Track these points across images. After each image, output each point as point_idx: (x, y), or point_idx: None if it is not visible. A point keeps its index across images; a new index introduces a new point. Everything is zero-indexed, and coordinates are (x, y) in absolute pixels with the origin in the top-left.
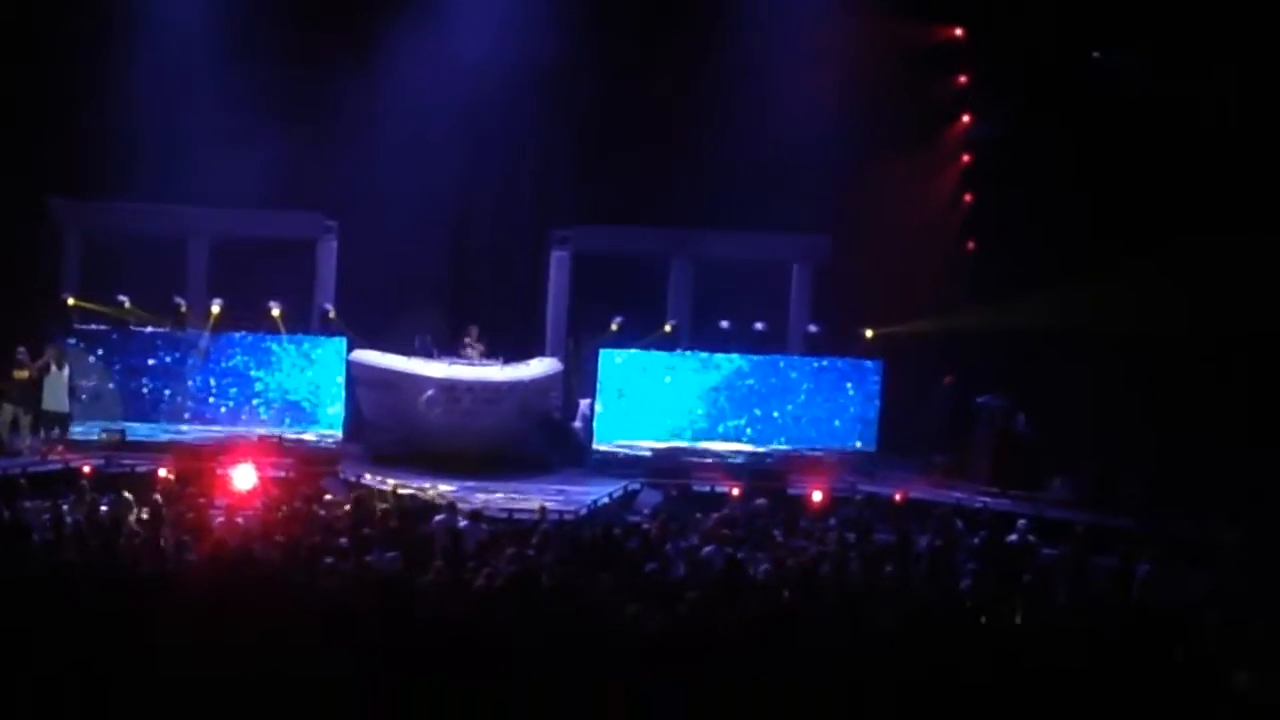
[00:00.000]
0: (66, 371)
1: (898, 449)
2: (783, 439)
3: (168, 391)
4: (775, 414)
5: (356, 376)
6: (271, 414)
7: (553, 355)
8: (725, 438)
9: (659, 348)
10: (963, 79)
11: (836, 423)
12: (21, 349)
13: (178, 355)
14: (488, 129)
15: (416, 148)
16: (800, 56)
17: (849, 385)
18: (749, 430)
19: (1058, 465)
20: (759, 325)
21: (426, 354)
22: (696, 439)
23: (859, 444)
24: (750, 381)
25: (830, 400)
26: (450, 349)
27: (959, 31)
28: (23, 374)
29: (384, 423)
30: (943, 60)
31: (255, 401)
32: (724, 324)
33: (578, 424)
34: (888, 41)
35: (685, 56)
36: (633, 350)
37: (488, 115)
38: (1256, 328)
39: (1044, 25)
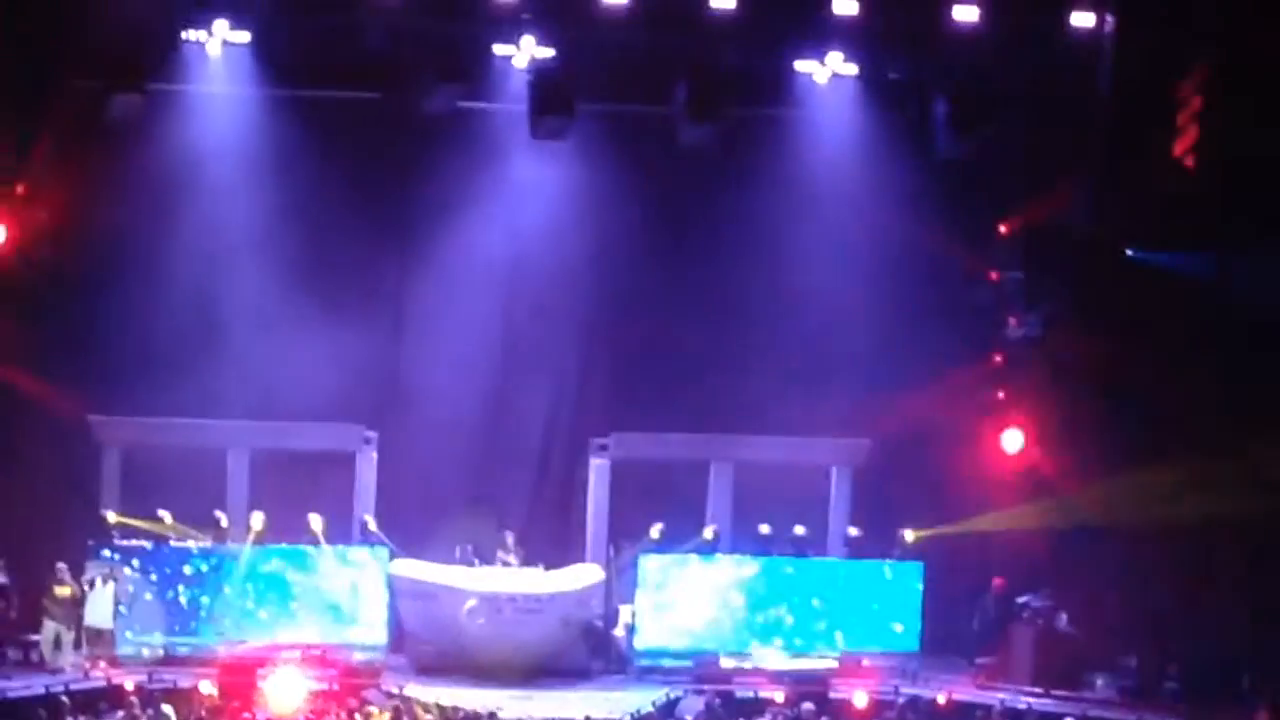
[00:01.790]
0: (111, 587)
1: (939, 651)
2: (824, 643)
3: (206, 599)
4: (814, 601)
5: (397, 588)
6: (312, 619)
7: (593, 562)
8: (765, 630)
9: (699, 553)
10: (996, 276)
11: (877, 626)
12: (62, 565)
13: (217, 567)
14: (525, 339)
15: (455, 357)
16: (840, 261)
17: (890, 588)
18: (789, 618)
19: (1101, 663)
20: (799, 529)
21: (468, 564)
22: (739, 645)
23: (901, 647)
24: (790, 570)
25: (871, 603)
26: (490, 558)
27: (1003, 230)
28: (64, 591)
29: (426, 634)
30: (986, 260)
31: (293, 605)
32: (764, 528)
33: (619, 631)
34: (927, 246)
35: (723, 258)
36: (672, 555)
37: (524, 324)
38: None
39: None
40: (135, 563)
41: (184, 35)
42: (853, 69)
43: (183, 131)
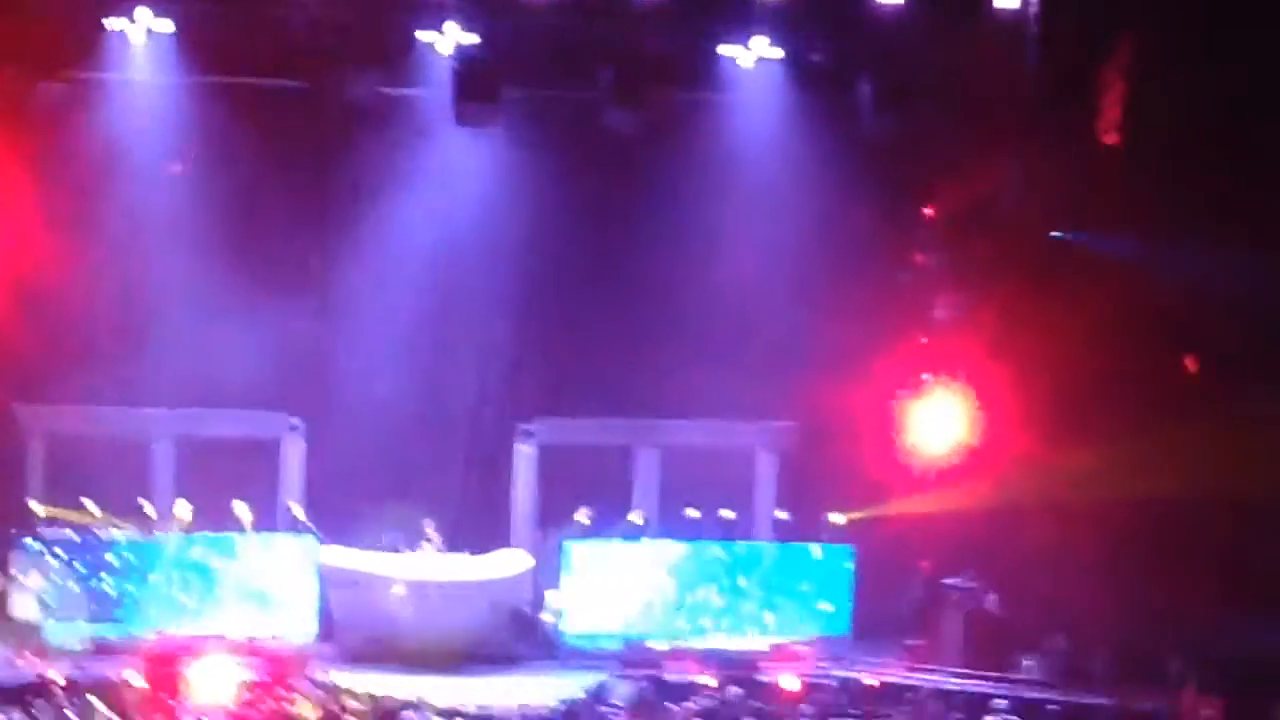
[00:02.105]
0: (35, 577)
1: (869, 634)
2: (754, 626)
3: (132, 588)
4: (743, 583)
5: (325, 576)
6: (239, 608)
7: (521, 547)
8: (694, 613)
9: (627, 537)
10: (922, 259)
11: (807, 608)
12: None
13: (143, 556)
14: (451, 324)
15: (381, 343)
16: (766, 244)
17: (819, 570)
18: (718, 601)
19: (1029, 644)
20: (726, 513)
21: (394, 551)
22: (667, 629)
23: (831, 629)
24: (717, 553)
25: (800, 586)
26: (416, 545)
27: (928, 213)
28: None
29: (354, 622)
30: (912, 242)
31: (220, 594)
32: (691, 512)
33: (547, 617)
34: (853, 228)
35: (648, 242)
36: (600, 540)
37: (451, 310)
38: (1231, 493)
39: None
40: (60, 552)
41: (107, 23)
42: (778, 52)
43: (106, 119)
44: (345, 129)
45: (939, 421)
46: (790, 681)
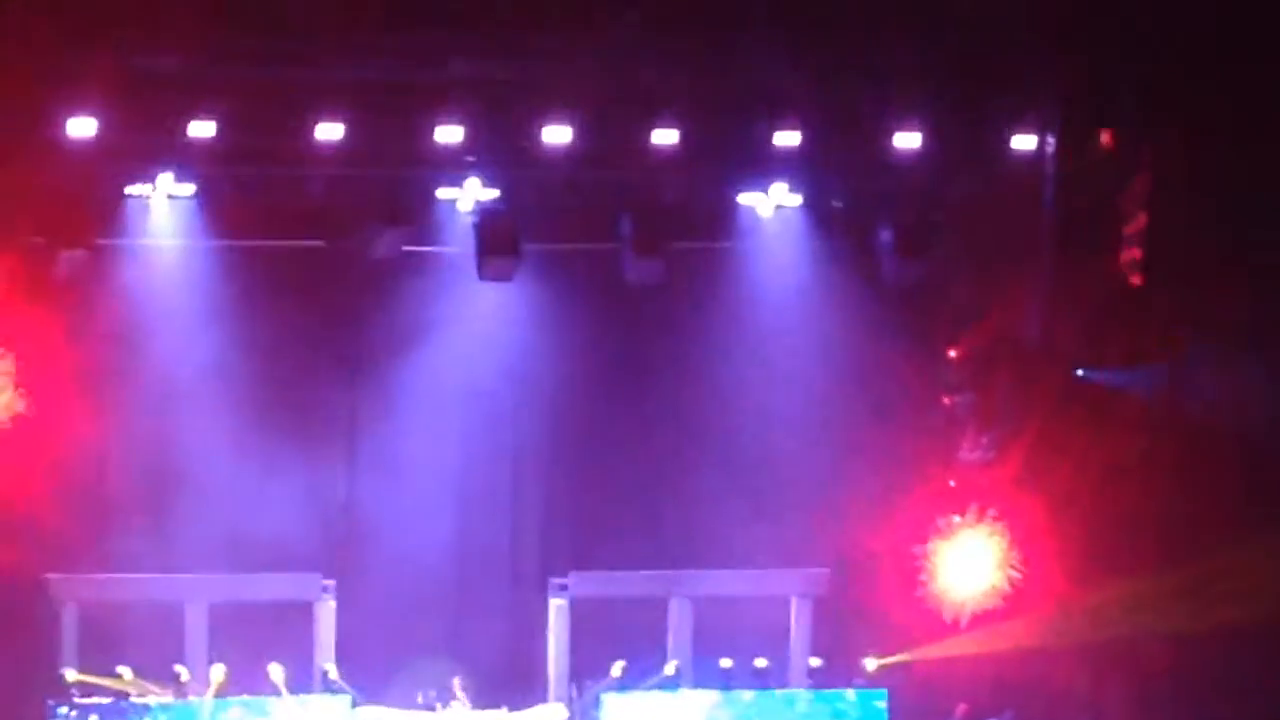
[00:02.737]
0: None
1: None
2: None
3: None
4: None
5: None
6: None
7: (556, 702)
8: None
9: (662, 689)
10: (948, 400)
11: None
12: None
13: None
14: (480, 479)
15: (411, 500)
16: (791, 391)
17: (855, 717)
18: None
19: None
20: (760, 661)
21: (430, 709)
22: None
23: None
24: (752, 702)
25: None
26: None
27: (952, 354)
28: None
29: None
30: (937, 384)
31: None
32: (725, 662)
33: None
34: (877, 371)
35: (675, 392)
36: (635, 692)
37: (479, 465)
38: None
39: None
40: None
41: (128, 190)
42: (796, 199)
43: (130, 284)
44: (368, 286)
45: (970, 563)
46: None
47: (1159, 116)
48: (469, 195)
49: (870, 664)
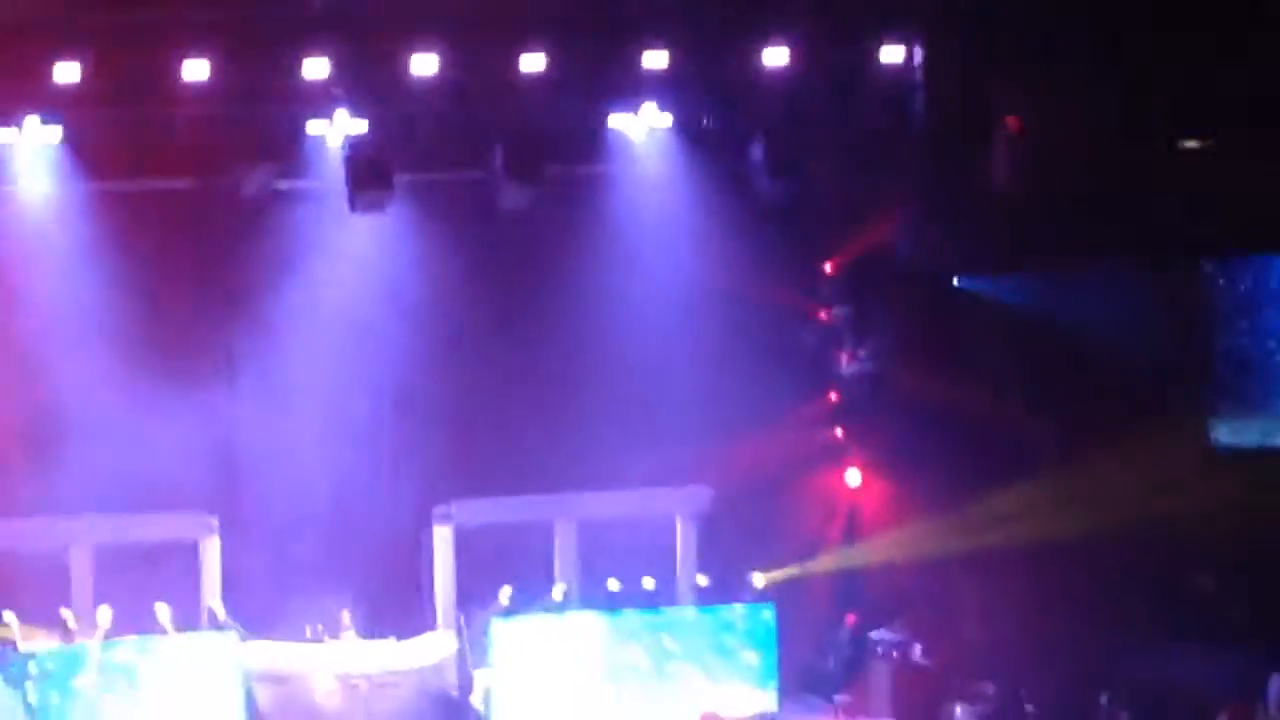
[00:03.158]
0: None
1: (796, 692)
2: (682, 695)
3: (56, 698)
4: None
5: (250, 673)
6: (164, 710)
7: (444, 631)
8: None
9: (550, 613)
10: (825, 315)
11: (733, 672)
12: None
13: (67, 665)
14: (361, 411)
15: (292, 435)
16: (669, 312)
17: (743, 632)
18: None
19: (958, 692)
20: (648, 581)
21: (318, 642)
22: (596, 704)
23: (758, 686)
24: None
25: (725, 649)
26: (338, 636)
27: (828, 268)
28: None
29: (281, 716)
30: (814, 299)
31: (145, 697)
32: (613, 583)
33: (476, 699)
34: (754, 289)
35: (552, 317)
36: (523, 617)
37: (360, 397)
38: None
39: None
40: None
41: None
42: (667, 120)
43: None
44: (242, 223)
45: (852, 476)
46: None
47: (1025, 22)
48: (338, 129)
49: (757, 580)
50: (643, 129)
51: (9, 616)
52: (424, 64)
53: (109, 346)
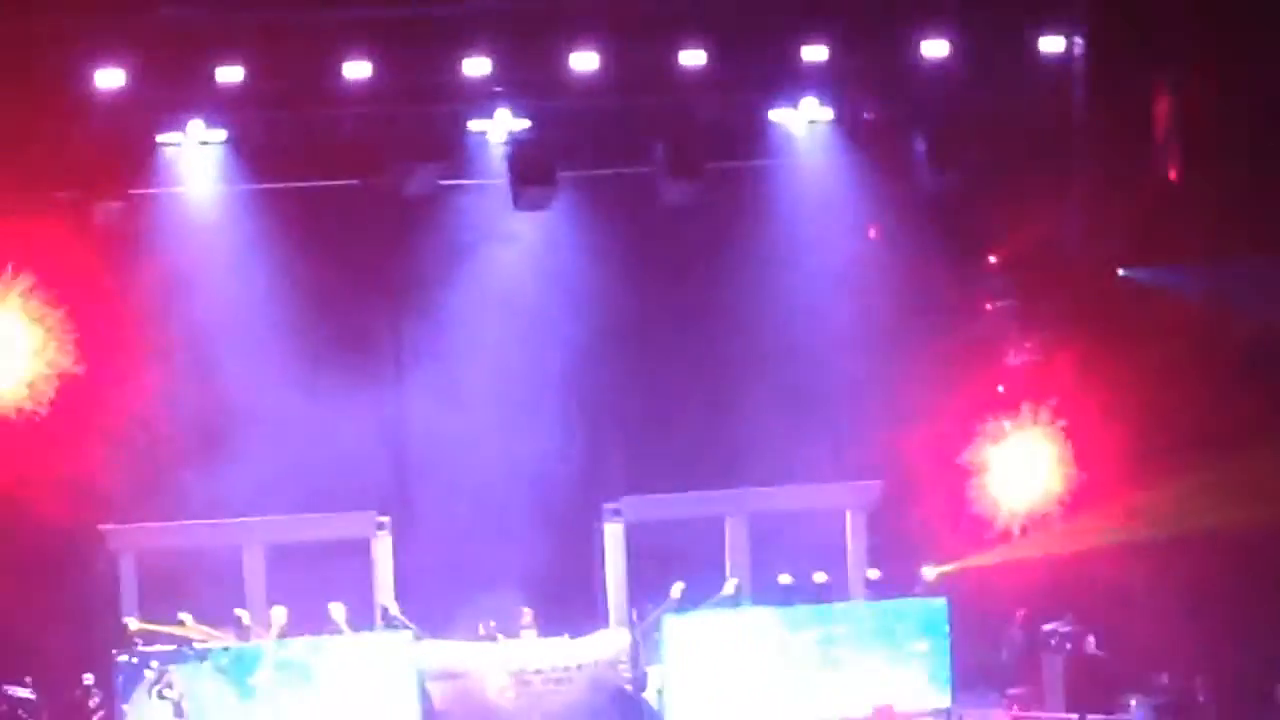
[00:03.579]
0: (159, 700)
1: (969, 685)
2: (856, 689)
3: (234, 697)
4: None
5: (424, 671)
6: (340, 709)
7: (616, 627)
8: (795, 681)
9: (722, 608)
10: (991, 307)
11: (907, 666)
12: (89, 677)
13: (243, 664)
14: (526, 409)
15: (459, 433)
16: (834, 305)
17: (915, 626)
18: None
19: (1132, 683)
20: (819, 576)
21: (491, 640)
22: (770, 699)
23: (932, 684)
24: (814, 617)
25: (898, 643)
26: (513, 632)
27: (993, 260)
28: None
29: (456, 714)
30: (980, 291)
31: (321, 696)
32: (784, 578)
33: (649, 695)
34: (918, 282)
35: (719, 313)
36: (695, 613)
37: (525, 395)
38: None
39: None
40: (155, 665)
41: (160, 139)
42: (828, 113)
43: (168, 232)
44: (405, 222)
45: (1023, 468)
46: None
47: (1190, 12)
48: (500, 127)
49: (928, 573)
50: (803, 122)
51: (185, 616)
52: (585, 60)
53: (278, 345)
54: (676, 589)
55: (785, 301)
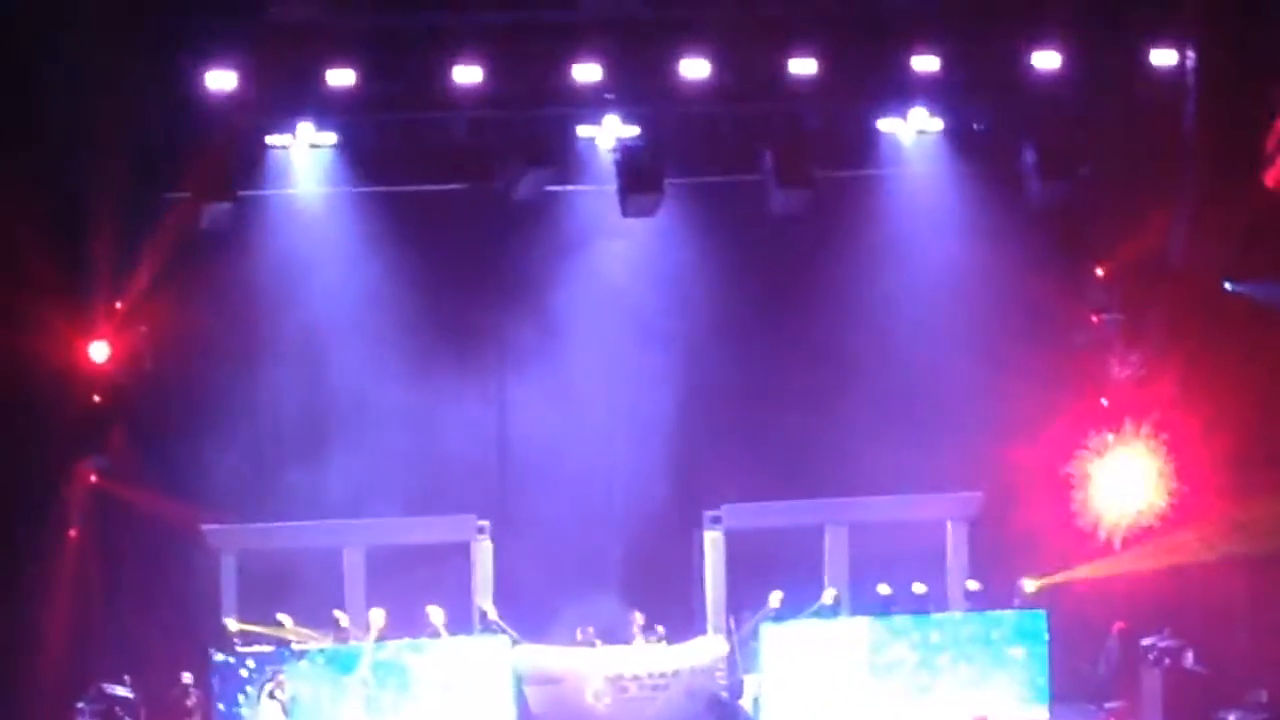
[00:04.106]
0: (271, 701)
1: (1068, 699)
2: (954, 699)
3: (331, 697)
4: (940, 657)
5: (521, 675)
6: (437, 711)
7: (714, 634)
8: (893, 691)
9: (820, 617)
10: (1097, 319)
11: (1005, 678)
12: (187, 676)
13: (341, 665)
14: (628, 415)
15: (561, 437)
16: (939, 316)
17: (1014, 638)
18: (916, 677)
19: (1231, 699)
20: (918, 586)
21: (589, 645)
22: (867, 709)
23: (1030, 698)
24: (913, 627)
25: (997, 655)
26: (611, 638)
27: (1100, 273)
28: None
29: (551, 717)
30: (1086, 303)
31: (418, 699)
32: (883, 588)
33: (746, 703)
34: (1025, 293)
35: (823, 321)
36: (793, 621)
37: (628, 400)
38: None
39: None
40: (251, 665)
41: (269, 141)
42: (937, 124)
43: (275, 235)
44: (511, 226)
45: (1125, 481)
46: None
47: None
48: (609, 133)
49: (1028, 585)
50: (912, 132)
51: (284, 618)
52: (695, 68)
53: (384, 348)
54: (775, 598)
55: (890, 310)
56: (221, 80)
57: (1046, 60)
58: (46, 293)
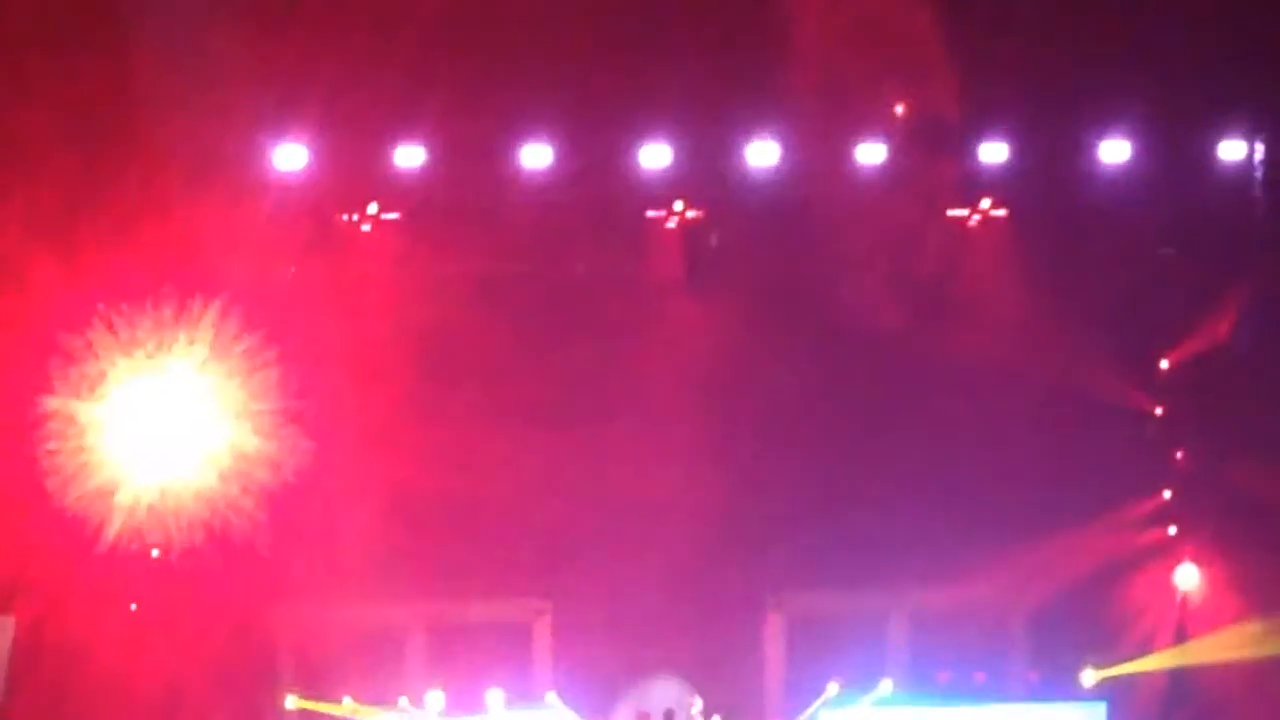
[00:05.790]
0: None
1: None
2: None
3: None
4: None
5: None
6: None
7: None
8: None
9: (880, 705)
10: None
11: None
12: None
13: None
14: (691, 499)
15: (623, 519)
16: (1004, 405)
17: None
18: None
19: None
20: (979, 675)
21: None
22: None
23: None
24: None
25: None
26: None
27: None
28: None
29: None
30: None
31: None
32: (943, 676)
33: None
34: (1091, 384)
35: (887, 408)
36: (853, 709)
37: (690, 485)
38: None
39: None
40: None
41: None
42: (1002, 212)
43: (338, 312)
44: (578, 308)
45: (1187, 574)
46: None
47: None
48: (676, 215)
49: (1089, 676)
50: (978, 219)
51: (348, 701)
52: (763, 152)
53: (439, 432)
54: (833, 688)
55: (956, 401)
56: (291, 156)
57: (1116, 151)
58: None
